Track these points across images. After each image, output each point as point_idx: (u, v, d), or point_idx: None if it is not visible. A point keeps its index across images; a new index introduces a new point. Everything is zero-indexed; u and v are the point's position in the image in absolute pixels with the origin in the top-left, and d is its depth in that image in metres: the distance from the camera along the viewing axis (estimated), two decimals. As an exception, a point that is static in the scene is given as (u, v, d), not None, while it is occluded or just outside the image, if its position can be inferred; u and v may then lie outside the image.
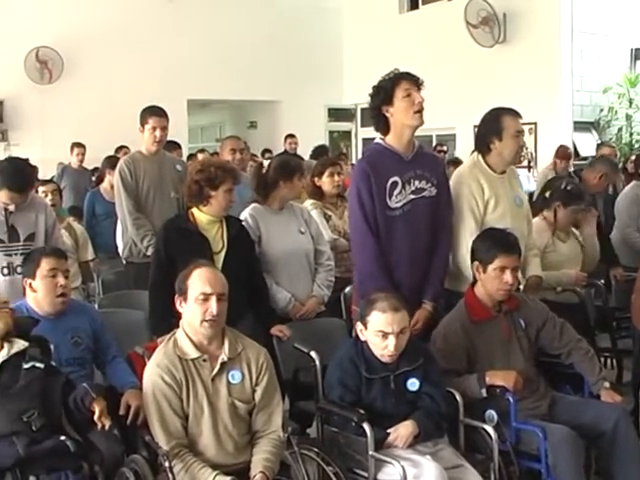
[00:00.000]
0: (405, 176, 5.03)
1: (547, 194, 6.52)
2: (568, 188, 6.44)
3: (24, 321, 4.38)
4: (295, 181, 5.77)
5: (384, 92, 5.00)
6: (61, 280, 4.71)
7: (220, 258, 5.18)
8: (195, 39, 17.34)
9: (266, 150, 15.14)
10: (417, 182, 5.06)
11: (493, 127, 5.29)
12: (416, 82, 5.02)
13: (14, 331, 4.15)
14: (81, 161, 12.65)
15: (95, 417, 3.90)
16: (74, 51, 16.56)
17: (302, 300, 5.66)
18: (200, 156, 9.01)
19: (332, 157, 9.39)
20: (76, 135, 13.28)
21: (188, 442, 4.03)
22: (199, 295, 4.06)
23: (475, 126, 5.88)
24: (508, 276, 4.76)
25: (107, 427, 3.92)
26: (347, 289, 5.91)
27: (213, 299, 4.05)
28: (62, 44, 16.45)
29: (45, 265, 4.73)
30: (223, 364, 4.10)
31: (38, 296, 4.73)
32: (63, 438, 3.88)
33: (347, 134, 20.52)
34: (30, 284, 4.75)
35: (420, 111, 4.97)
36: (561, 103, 14.62)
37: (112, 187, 7.50)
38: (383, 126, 5.10)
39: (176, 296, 4.18)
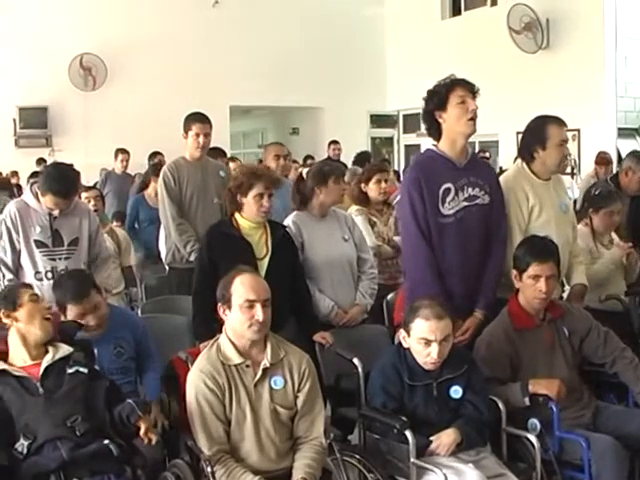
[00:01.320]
0: (458, 183, 4.99)
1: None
2: (596, 192, 6.44)
3: (68, 325, 4.42)
4: (330, 185, 5.74)
5: (438, 97, 4.96)
6: (91, 321, 4.75)
7: (264, 264, 5.18)
8: (237, 46, 17.39)
9: (308, 156, 15.14)
10: (470, 189, 5.02)
11: (537, 135, 5.24)
12: (471, 89, 4.97)
13: (58, 336, 4.19)
14: (125, 167, 12.73)
15: (141, 433, 3.90)
16: (117, 58, 16.68)
17: (344, 307, 5.65)
18: (232, 165, 8.97)
19: (379, 164, 9.37)
20: (119, 141, 13.38)
21: (230, 447, 4.03)
22: (244, 302, 4.06)
23: (518, 133, 5.85)
24: (542, 284, 4.70)
25: (153, 442, 3.93)
26: (390, 296, 5.89)
27: (258, 306, 4.05)
28: (105, 51, 16.58)
29: (70, 312, 4.76)
30: (265, 370, 4.10)
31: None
32: (106, 442, 3.88)
33: (389, 140, 20.48)
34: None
35: (473, 119, 4.93)
36: (605, 109, 14.47)
37: (156, 194, 7.54)
38: (435, 131, 5.06)
39: (219, 304, 4.18)
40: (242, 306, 4.06)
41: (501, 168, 12.11)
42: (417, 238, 4.96)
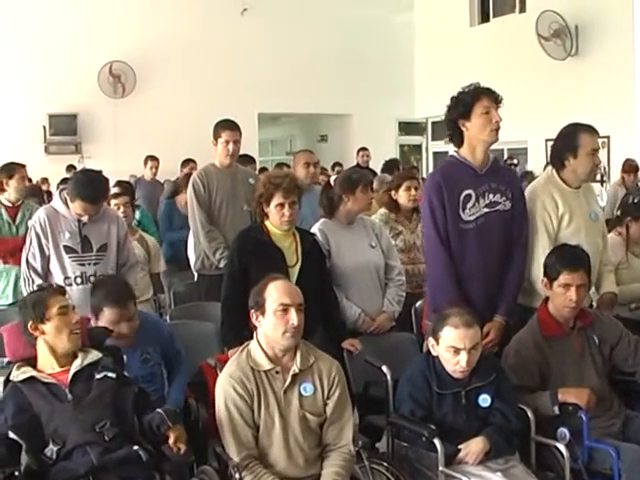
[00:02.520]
0: (479, 189, 5.00)
1: (619, 212, 6.49)
2: (635, 201, 6.39)
3: (97, 331, 4.44)
4: (358, 193, 5.73)
5: (463, 106, 4.97)
6: (123, 329, 4.76)
7: (295, 272, 5.18)
8: (266, 53, 17.46)
9: (336, 164, 15.16)
10: (491, 195, 5.03)
11: (568, 143, 5.21)
12: (496, 99, 4.98)
13: (87, 342, 4.21)
14: (154, 174, 12.79)
15: (170, 442, 3.92)
16: (146, 65, 16.79)
17: (372, 315, 5.64)
18: (261, 176, 9.01)
19: (409, 171, 9.35)
20: (147, 148, 13.46)
21: (258, 454, 4.03)
22: (278, 307, 4.06)
23: (547, 140, 5.85)
24: (572, 293, 4.68)
25: (182, 452, 3.93)
26: (418, 303, 5.88)
27: (292, 310, 4.06)
28: (135, 58, 16.70)
29: (106, 317, 4.78)
30: (295, 376, 4.10)
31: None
32: (136, 448, 3.89)
33: (417, 148, 20.48)
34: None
35: (497, 129, 4.94)
36: (635, 116, 14.39)
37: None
38: (458, 138, 5.07)
39: (251, 311, 4.18)
40: (276, 311, 4.07)
41: (529, 172, 12.05)
42: (436, 244, 4.99)
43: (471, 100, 4.95)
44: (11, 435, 3.79)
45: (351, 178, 5.84)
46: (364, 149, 14.27)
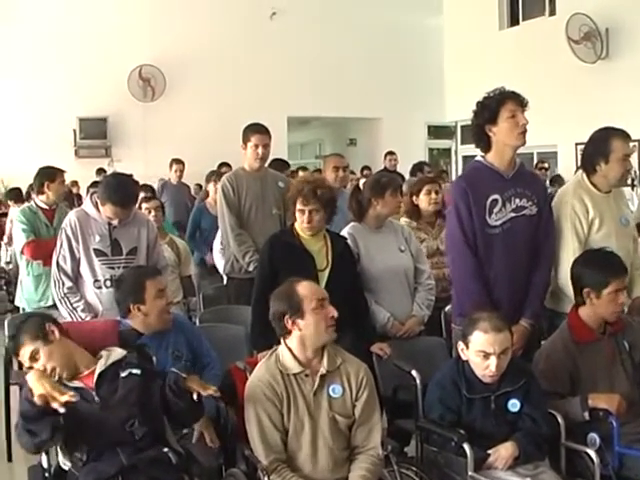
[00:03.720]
0: (506, 194, 4.99)
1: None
2: None
3: (127, 334, 4.46)
4: (387, 197, 5.75)
5: (489, 111, 4.96)
6: (167, 298, 4.80)
7: (324, 276, 5.20)
8: (295, 57, 17.50)
9: (365, 167, 15.15)
10: (518, 200, 5.02)
11: (600, 148, 5.18)
12: (521, 103, 4.96)
13: (117, 343, 4.23)
14: (180, 177, 12.83)
15: (198, 392, 3.88)
16: (176, 69, 16.87)
17: (401, 319, 5.65)
18: (300, 173, 9.07)
19: (429, 175, 9.33)
20: (177, 151, 13.49)
21: (287, 457, 4.03)
22: (317, 304, 4.09)
23: (577, 144, 5.83)
24: (622, 297, 4.69)
25: (215, 394, 3.92)
26: (447, 307, 5.87)
27: (327, 303, 4.12)
28: (164, 62, 16.78)
29: (151, 288, 4.83)
30: (323, 378, 4.10)
31: (150, 319, 4.84)
32: (165, 450, 3.91)
33: (447, 151, 20.45)
34: (138, 308, 4.84)
35: (524, 132, 4.93)
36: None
37: (216, 202, 7.58)
38: (485, 144, 5.06)
39: (285, 317, 4.14)
40: (315, 308, 4.09)
41: (559, 176, 12.00)
42: (463, 248, 4.98)
43: (497, 105, 4.94)
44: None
45: (380, 182, 5.85)
46: (391, 153, 14.27)
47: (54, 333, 4.03)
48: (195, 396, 3.89)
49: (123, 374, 4.02)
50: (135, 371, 4.05)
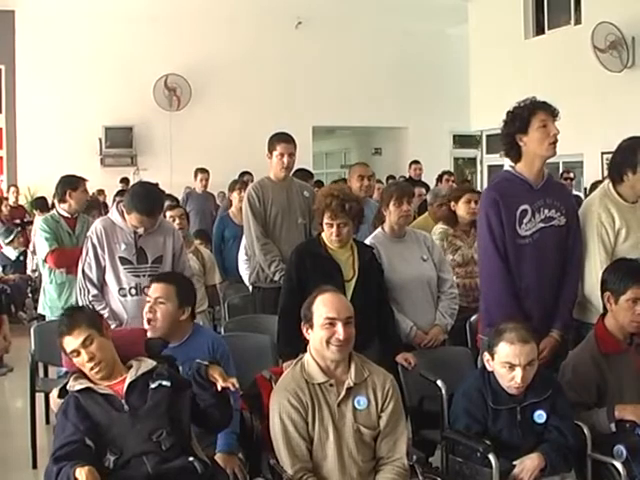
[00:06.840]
0: (535, 204, 4.98)
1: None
2: None
3: (154, 343, 4.47)
4: (391, 207, 5.74)
5: (520, 121, 4.95)
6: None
7: (351, 285, 5.20)
8: (320, 66, 17.55)
9: (390, 177, 15.15)
10: (547, 211, 5.01)
11: (628, 158, 5.14)
12: (552, 113, 4.96)
13: (145, 353, 4.25)
14: (205, 186, 12.85)
15: (220, 383, 3.94)
16: (201, 78, 16.96)
17: (424, 328, 5.64)
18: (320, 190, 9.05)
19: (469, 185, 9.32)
20: (202, 160, 13.54)
21: (312, 466, 4.02)
22: (324, 321, 4.06)
23: (603, 153, 5.78)
24: None
25: (236, 386, 3.97)
26: (473, 317, 5.85)
27: (339, 324, 4.05)
28: (190, 71, 16.88)
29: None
30: (349, 389, 4.09)
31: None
32: (191, 459, 3.91)
33: (472, 161, 20.41)
34: None
35: (554, 143, 4.92)
36: (693, 129, 14.21)
37: (239, 210, 7.58)
38: (515, 153, 5.05)
39: (302, 323, 4.19)
40: (323, 325, 4.07)
41: (586, 189, 11.96)
42: (494, 259, 4.97)
43: (528, 114, 4.93)
44: (87, 442, 3.82)
45: (387, 191, 5.88)
46: (416, 162, 14.22)
47: (108, 329, 4.12)
48: (219, 387, 3.95)
49: (153, 385, 4.03)
50: (165, 383, 4.06)
